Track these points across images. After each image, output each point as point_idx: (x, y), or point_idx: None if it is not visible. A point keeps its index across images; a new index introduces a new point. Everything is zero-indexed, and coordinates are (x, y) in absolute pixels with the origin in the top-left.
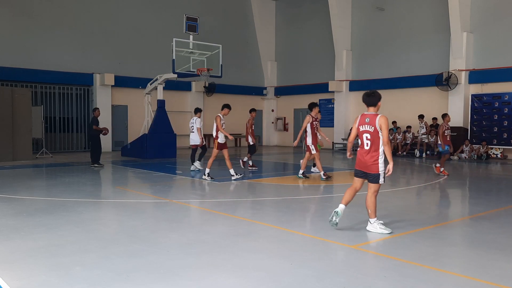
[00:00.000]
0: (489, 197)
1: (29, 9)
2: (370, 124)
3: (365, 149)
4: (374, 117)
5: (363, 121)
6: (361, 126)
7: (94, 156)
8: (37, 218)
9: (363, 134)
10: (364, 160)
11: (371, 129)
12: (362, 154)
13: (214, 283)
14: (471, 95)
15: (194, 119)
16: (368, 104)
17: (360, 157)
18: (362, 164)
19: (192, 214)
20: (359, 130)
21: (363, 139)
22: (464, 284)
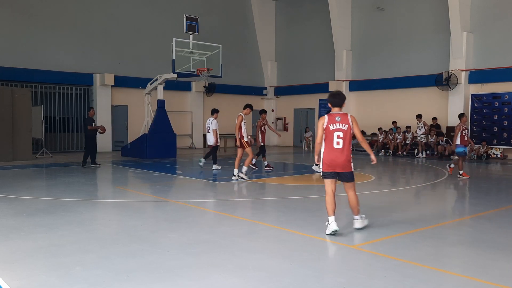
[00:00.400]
0: (489, 197)
1: (29, 9)
2: (342, 123)
3: (338, 149)
4: (345, 116)
5: (334, 120)
6: (331, 125)
7: (86, 156)
8: (37, 218)
9: (334, 133)
10: (341, 160)
11: (344, 127)
12: (336, 155)
13: (214, 283)
14: (471, 95)
15: (211, 120)
16: (336, 105)
17: (335, 158)
18: (338, 165)
19: (192, 214)
20: (329, 130)
21: (334, 138)
22: (464, 284)
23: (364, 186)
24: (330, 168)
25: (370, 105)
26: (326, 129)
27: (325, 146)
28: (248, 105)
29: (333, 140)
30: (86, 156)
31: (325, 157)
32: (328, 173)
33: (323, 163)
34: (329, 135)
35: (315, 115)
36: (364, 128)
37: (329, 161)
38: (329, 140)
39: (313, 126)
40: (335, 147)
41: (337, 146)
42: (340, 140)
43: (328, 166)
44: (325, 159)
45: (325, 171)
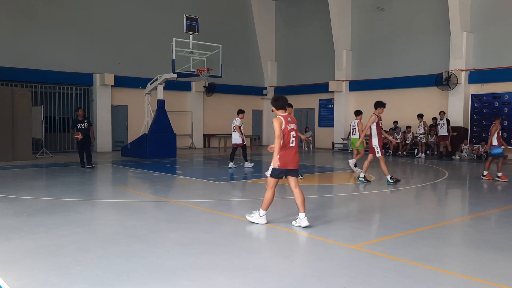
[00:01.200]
0: (489, 197)
1: (29, 9)
2: (293, 123)
3: (293, 147)
4: (293, 117)
5: (287, 121)
6: (288, 125)
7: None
8: (37, 218)
9: (291, 132)
10: (296, 157)
11: (295, 127)
12: (292, 153)
13: (214, 283)
14: (471, 95)
15: (235, 120)
16: (280, 107)
17: (293, 156)
18: (293, 161)
19: (192, 214)
20: (287, 129)
21: (290, 138)
22: (464, 284)
23: (364, 186)
24: (287, 165)
25: (370, 105)
26: (284, 129)
27: (282, 145)
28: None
29: (289, 139)
30: (81, 157)
31: (283, 156)
32: (281, 170)
33: (281, 161)
34: (287, 134)
35: (315, 115)
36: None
37: (287, 159)
38: (287, 139)
39: (313, 126)
40: (290, 146)
41: (292, 145)
42: (294, 138)
43: (286, 164)
44: (283, 157)
45: (279, 169)
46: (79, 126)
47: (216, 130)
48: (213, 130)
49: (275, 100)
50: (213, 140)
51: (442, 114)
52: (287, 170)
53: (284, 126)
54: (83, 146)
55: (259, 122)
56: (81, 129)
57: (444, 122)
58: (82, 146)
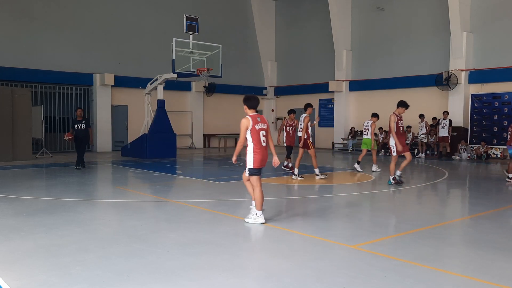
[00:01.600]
0: (489, 197)
1: (29, 9)
2: (263, 122)
3: (264, 146)
4: (263, 117)
5: (256, 120)
6: (257, 125)
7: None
8: (37, 218)
9: (260, 131)
10: (266, 156)
11: (265, 127)
12: (263, 152)
13: (214, 283)
14: (471, 95)
15: None
16: (252, 107)
17: (265, 155)
18: (265, 161)
19: (192, 214)
20: (255, 129)
21: (260, 137)
22: (464, 284)
23: (364, 186)
24: (260, 165)
25: (370, 105)
26: (252, 129)
27: (253, 146)
28: (309, 105)
29: (260, 139)
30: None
31: (257, 156)
32: (258, 169)
33: (255, 161)
34: (256, 134)
35: (315, 115)
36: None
37: (261, 158)
38: (257, 139)
39: (313, 126)
40: (262, 145)
41: (263, 144)
42: (264, 138)
43: (260, 163)
44: (257, 157)
45: (256, 168)
46: (76, 127)
47: (216, 130)
48: (213, 130)
49: (248, 99)
50: (213, 140)
51: (446, 114)
52: (261, 169)
53: (252, 126)
54: (79, 146)
55: None
56: (77, 130)
57: (446, 123)
58: (78, 146)
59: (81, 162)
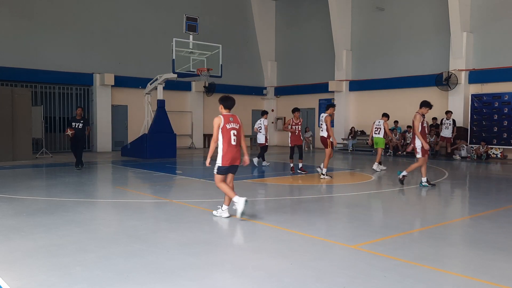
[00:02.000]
0: (489, 197)
1: (29, 9)
2: (235, 122)
3: (234, 145)
4: (236, 117)
5: (228, 120)
6: (228, 124)
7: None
8: (37, 218)
9: (231, 131)
10: (238, 155)
11: (237, 126)
12: (234, 150)
13: (214, 283)
14: (471, 95)
15: (262, 120)
16: (228, 107)
17: (234, 153)
18: (236, 159)
19: (192, 214)
20: (226, 128)
21: (230, 136)
22: (464, 284)
23: (364, 186)
24: (229, 163)
25: (370, 105)
26: (223, 128)
27: (223, 144)
28: (332, 104)
29: (230, 138)
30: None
31: (225, 153)
32: (227, 167)
33: (224, 159)
34: (227, 133)
35: (315, 115)
36: (364, 128)
37: (230, 156)
38: (227, 137)
39: (313, 126)
40: (232, 144)
41: (234, 143)
42: (235, 137)
43: (229, 161)
44: (226, 155)
45: (225, 166)
46: (74, 125)
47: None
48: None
49: (224, 99)
50: None
51: (449, 114)
52: (231, 166)
53: (223, 125)
54: (76, 146)
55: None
56: (75, 128)
57: (450, 123)
58: (75, 146)
59: (80, 162)
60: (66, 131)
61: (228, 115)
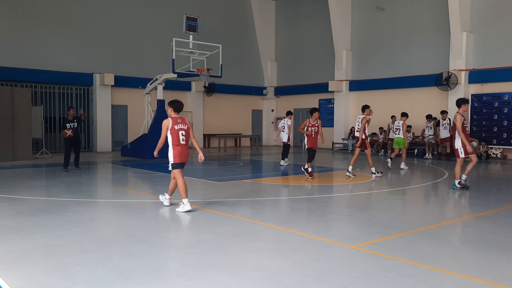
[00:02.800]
0: (489, 197)
1: (29, 9)
2: (183, 124)
3: (183, 144)
4: (184, 119)
5: (176, 122)
6: (176, 125)
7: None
8: (37, 218)
9: (179, 131)
10: (186, 153)
11: (185, 127)
12: (184, 149)
13: (214, 283)
14: (471, 95)
15: (286, 120)
16: (176, 110)
17: (183, 151)
18: (186, 156)
19: (192, 214)
20: (174, 129)
21: (179, 136)
22: (464, 284)
23: (364, 186)
24: (180, 159)
25: (370, 105)
26: (172, 129)
27: (172, 143)
28: (367, 106)
29: (179, 137)
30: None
31: (176, 152)
32: (178, 163)
33: (175, 156)
34: (175, 133)
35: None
36: None
37: (179, 154)
38: (176, 137)
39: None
40: (181, 143)
41: (183, 142)
42: (183, 137)
43: (179, 158)
44: (176, 153)
45: (177, 162)
46: (68, 126)
47: (216, 130)
48: (213, 130)
49: (173, 103)
50: (213, 140)
51: (445, 115)
52: (183, 163)
53: (171, 126)
54: (72, 146)
55: (259, 122)
56: (70, 129)
57: (447, 123)
58: (71, 146)
59: (76, 162)
60: (65, 133)
61: (177, 117)
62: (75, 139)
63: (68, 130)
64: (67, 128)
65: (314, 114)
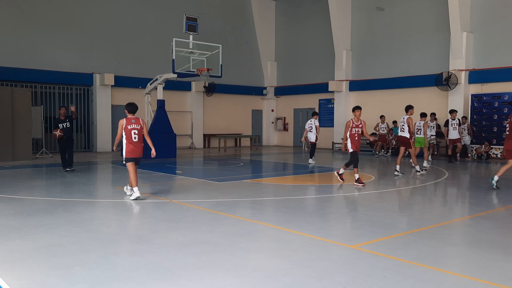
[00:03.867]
0: (489, 197)
1: (29, 9)
2: (136, 124)
3: (136, 141)
4: (138, 119)
5: (130, 122)
6: (129, 125)
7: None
8: (37, 218)
9: (132, 131)
10: (139, 149)
11: (138, 127)
12: (134, 146)
13: (214, 283)
14: (471, 95)
15: (313, 121)
16: (131, 111)
17: (136, 148)
18: (136, 152)
19: (192, 214)
20: (127, 129)
21: (131, 135)
22: (464, 284)
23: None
24: (131, 155)
25: (370, 105)
26: (125, 128)
27: (126, 141)
28: (411, 106)
29: (131, 136)
30: (63, 158)
31: (128, 149)
32: (130, 158)
33: (126, 152)
34: (128, 132)
35: None
36: None
37: (130, 150)
38: (128, 136)
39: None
40: (134, 140)
41: (135, 140)
42: (136, 136)
43: (130, 153)
44: (128, 149)
45: (128, 157)
46: (61, 126)
47: (216, 130)
48: (213, 130)
49: (128, 105)
50: (213, 140)
51: (455, 114)
52: (134, 158)
53: (125, 126)
54: (66, 147)
55: (259, 122)
56: (63, 129)
57: (457, 122)
58: (65, 147)
59: (69, 162)
60: (54, 135)
61: (131, 118)
62: (68, 138)
63: (56, 131)
64: (59, 129)
65: (356, 112)
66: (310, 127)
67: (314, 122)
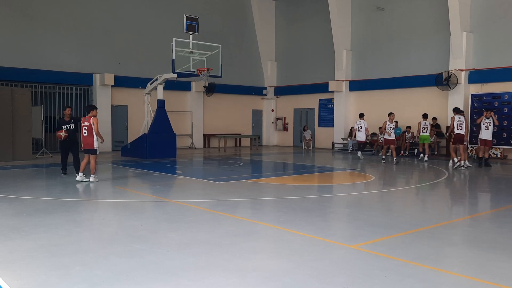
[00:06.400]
0: (489, 197)
1: (29, 9)
2: (87, 122)
3: (85, 136)
4: (90, 118)
5: (84, 120)
6: (83, 123)
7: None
8: (37, 218)
9: (83, 127)
10: (87, 142)
11: (87, 124)
12: (85, 139)
13: (214, 283)
14: (471, 95)
15: (362, 121)
16: (87, 111)
17: (85, 141)
18: (86, 145)
19: (192, 214)
20: (81, 125)
21: (83, 130)
22: (464, 284)
23: (364, 186)
24: (83, 147)
25: (370, 105)
26: (82, 125)
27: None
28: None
29: (83, 131)
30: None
31: (81, 142)
32: (83, 150)
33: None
34: (81, 129)
35: (315, 115)
36: None
37: (82, 143)
38: (81, 131)
39: (313, 126)
40: (84, 135)
41: (85, 134)
42: (86, 131)
43: (82, 145)
44: (81, 142)
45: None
46: (65, 128)
47: (216, 130)
48: (213, 130)
49: (87, 107)
50: (213, 140)
51: (489, 113)
52: (84, 150)
53: (81, 123)
54: (68, 149)
55: (259, 122)
56: (67, 131)
57: (490, 122)
58: (66, 149)
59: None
60: (59, 136)
61: (85, 117)
62: (72, 141)
63: (61, 132)
64: (63, 130)
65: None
66: (360, 127)
67: (364, 124)
